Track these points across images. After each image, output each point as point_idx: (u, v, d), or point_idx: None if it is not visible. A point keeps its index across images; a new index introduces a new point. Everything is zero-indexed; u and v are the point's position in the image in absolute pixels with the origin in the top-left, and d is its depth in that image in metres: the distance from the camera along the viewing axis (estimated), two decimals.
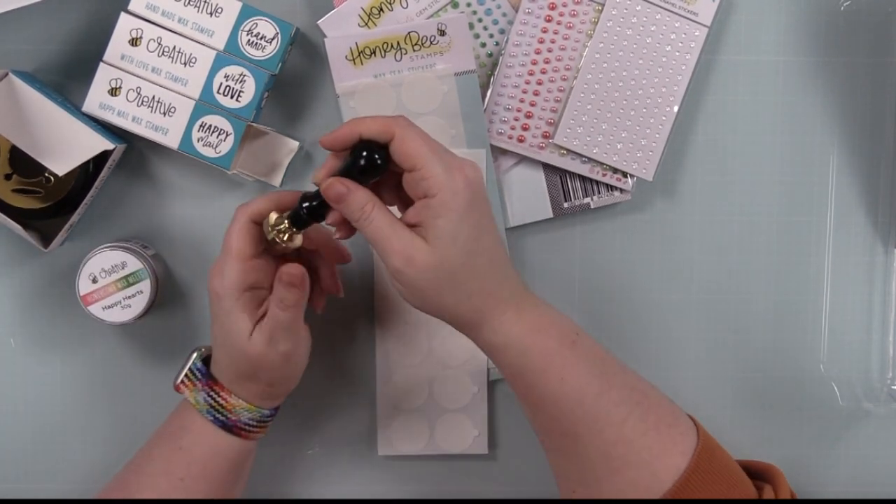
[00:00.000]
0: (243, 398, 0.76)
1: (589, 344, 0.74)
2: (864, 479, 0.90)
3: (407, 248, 0.70)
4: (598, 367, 0.73)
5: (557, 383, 0.71)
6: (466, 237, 0.70)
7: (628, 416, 0.71)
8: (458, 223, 0.70)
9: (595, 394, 0.71)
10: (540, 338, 0.72)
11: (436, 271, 0.70)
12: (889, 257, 0.89)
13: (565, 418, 0.72)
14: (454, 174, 0.70)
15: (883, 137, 0.88)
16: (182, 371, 0.78)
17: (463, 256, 0.70)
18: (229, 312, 0.74)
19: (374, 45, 0.83)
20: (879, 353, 0.89)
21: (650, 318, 0.89)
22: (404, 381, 0.87)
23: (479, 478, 0.89)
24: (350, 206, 0.71)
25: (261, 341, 0.74)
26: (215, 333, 0.76)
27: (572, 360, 0.72)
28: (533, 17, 0.85)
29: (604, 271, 0.88)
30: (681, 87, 0.85)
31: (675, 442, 0.72)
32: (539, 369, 0.72)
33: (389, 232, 0.70)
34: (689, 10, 0.85)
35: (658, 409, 0.73)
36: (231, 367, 0.76)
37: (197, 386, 0.77)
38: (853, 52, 0.87)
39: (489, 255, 0.72)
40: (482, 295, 0.72)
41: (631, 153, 0.86)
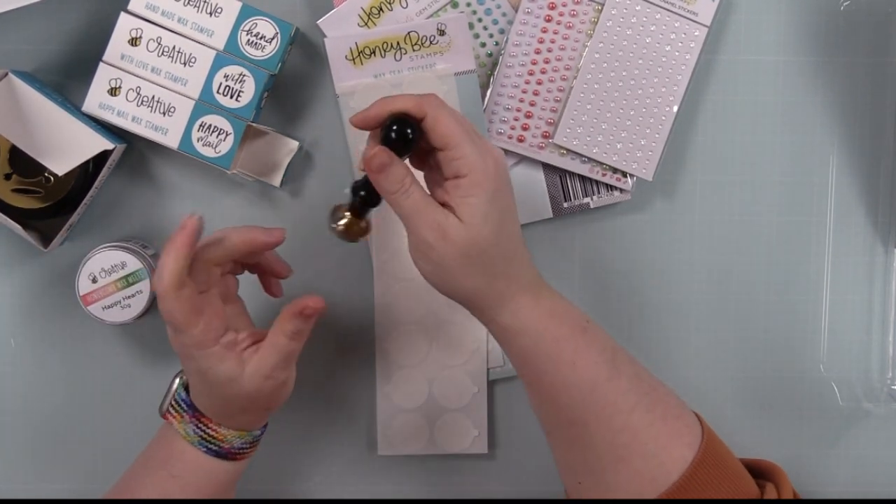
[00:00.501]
0: (234, 427, 0.76)
1: (599, 332, 0.74)
2: (864, 479, 0.90)
3: (441, 222, 0.70)
4: (607, 354, 0.73)
5: (569, 368, 0.72)
6: (496, 219, 0.70)
7: (636, 406, 0.71)
8: (488, 204, 0.70)
9: (605, 380, 0.71)
10: (553, 323, 0.72)
11: (467, 249, 0.70)
12: (889, 257, 0.89)
13: (575, 405, 0.72)
14: (486, 156, 0.71)
15: (883, 137, 0.88)
16: (167, 398, 0.77)
17: (493, 237, 0.70)
18: (213, 365, 0.72)
19: (373, 45, 0.83)
20: (879, 353, 0.89)
21: (650, 318, 0.89)
22: (404, 381, 0.87)
23: (479, 478, 0.89)
24: (390, 177, 0.71)
25: (259, 377, 0.73)
26: (196, 381, 0.75)
27: (583, 346, 0.72)
28: (533, 17, 0.85)
29: (604, 271, 0.88)
30: (681, 87, 0.85)
31: (681, 434, 0.72)
32: (552, 354, 0.72)
33: (425, 206, 0.70)
34: (689, 10, 0.85)
35: (665, 401, 0.73)
36: (221, 406, 0.75)
37: (184, 418, 0.76)
38: (853, 52, 0.87)
39: (514, 240, 0.72)
40: (506, 278, 0.72)
41: (631, 153, 0.86)
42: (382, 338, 0.87)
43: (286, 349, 0.73)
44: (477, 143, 0.71)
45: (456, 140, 0.70)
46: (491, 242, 0.71)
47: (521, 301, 0.72)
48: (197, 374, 0.74)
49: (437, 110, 0.71)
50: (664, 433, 0.71)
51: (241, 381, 0.73)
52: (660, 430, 0.71)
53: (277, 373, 0.73)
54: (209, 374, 0.73)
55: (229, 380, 0.73)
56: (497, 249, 0.71)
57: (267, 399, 0.75)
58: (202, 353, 0.72)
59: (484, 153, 0.71)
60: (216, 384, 0.73)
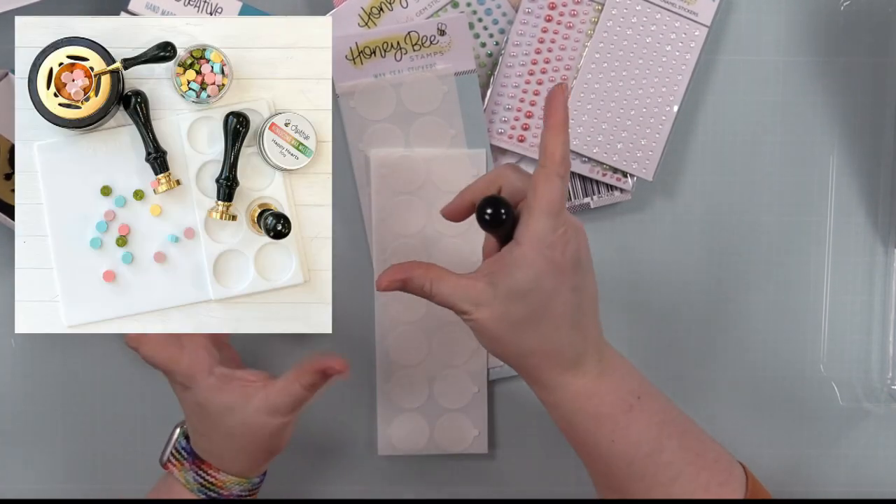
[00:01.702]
0: (235, 473, 0.76)
1: (650, 408, 0.73)
2: (864, 479, 0.90)
3: (472, 298, 0.70)
4: (653, 431, 0.72)
5: (607, 444, 0.72)
6: (543, 294, 0.69)
7: (678, 477, 0.72)
8: (533, 279, 0.69)
9: (645, 454, 0.72)
10: (592, 403, 0.72)
11: (500, 321, 0.70)
12: (889, 257, 0.89)
13: (613, 475, 0.73)
14: (543, 232, 0.69)
15: (883, 137, 0.88)
16: (167, 448, 0.78)
17: (527, 310, 0.70)
18: (212, 397, 0.73)
19: (374, 44, 0.83)
20: (879, 353, 0.89)
21: (650, 318, 0.89)
22: (404, 381, 0.87)
23: (479, 478, 0.89)
24: (411, 288, 0.72)
25: (264, 412, 0.74)
26: (196, 420, 0.75)
27: (624, 424, 0.72)
28: (533, 17, 0.85)
29: (603, 271, 0.88)
30: (681, 87, 0.85)
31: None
32: (590, 429, 0.72)
33: (453, 295, 0.71)
34: (689, 10, 0.85)
35: (711, 468, 0.73)
36: (222, 444, 0.75)
37: (185, 466, 0.76)
38: (853, 52, 0.87)
39: (564, 312, 0.71)
40: (540, 356, 0.71)
41: (631, 153, 0.86)
42: (382, 338, 0.87)
43: (298, 396, 0.74)
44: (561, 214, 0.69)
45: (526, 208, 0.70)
46: (527, 316, 0.70)
47: (558, 378, 0.72)
48: (196, 410, 0.74)
49: (510, 189, 0.71)
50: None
51: (243, 413, 0.73)
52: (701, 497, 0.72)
53: (283, 413, 0.74)
54: (208, 405, 0.74)
55: (228, 409, 0.73)
56: (535, 324, 0.70)
57: (269, 439, 0.75)
58: (197, 386, 0.74)
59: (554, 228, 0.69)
60: (216, 415, 0.74)
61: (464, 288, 0.70)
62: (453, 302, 0.71)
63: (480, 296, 0.70)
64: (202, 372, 0.74)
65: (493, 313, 0.70)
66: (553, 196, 0.68)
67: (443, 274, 0.71)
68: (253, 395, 0.74)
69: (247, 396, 0.74)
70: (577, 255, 0.70)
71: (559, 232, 0.69)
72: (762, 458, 0.87)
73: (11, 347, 0.87)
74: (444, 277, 0.71)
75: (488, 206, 0.69)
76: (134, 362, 0.88)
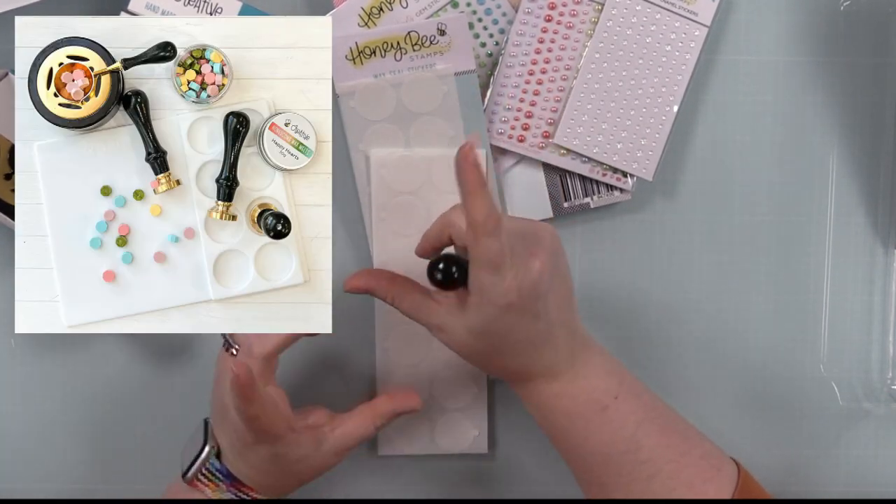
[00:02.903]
0: (273, 495, 0.77)
1: (627, 408, 0.74)
2: (864, 479, 0.90)
3: (435, 317, 0.73)
4: (629, 429, 0.73)
5: (581, 441, 0.74)
6: (496, 335, 0.72)
7: (656, 474, 0.73)
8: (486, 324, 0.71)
9: (620, 452, 0.73)
10: (563, 403, 0.74)
11: (459, 346, 0.73)
12: (889, 257, 0.89)
13: (591, 472, 0.74)
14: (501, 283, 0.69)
15: (883, 137, 0.88)
16: (194, 466, 0.76)
17: (482, 346, 0.72)
18: (291, 446, 0.75)
19: (373, 44, 0.83)
20: (879, 353, 0.89)
21: (650, 318, 0.89)
22: (404, 381, 0.87)
23: (479, 478, 0.89)
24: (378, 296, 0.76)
25: (333, 454, 0.77)
26: (262, 463, 0.75)
27: (598, 423, 0.73)
28: (533, 17, 0.85)
29: (604, 271, 0.88)
30: (681, 86, 0.85)
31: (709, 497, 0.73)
32: (565, 427, 0.74)
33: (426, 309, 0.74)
34: (689, 10, 0.85)
35: (697, 464, 0.74)
36: (276, 479, 0.76)
37: (220, 487, 0.76)
38: (853, 52, 0.87)
39: (524, 342, 0.72)
40: (508, 373, 0.75)
41: (631, 153, 0.86)
42: (382, 338, 0.87)
43: (367, 435, 0.77)
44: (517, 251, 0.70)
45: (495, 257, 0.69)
46: (483, 351, 0.73)
47: (531, 384, 0.74)
48: (270, 459, 0.75)
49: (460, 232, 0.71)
50: (689, 497, 0.72)
51: (313, 459, 0.76)
52: (684, 496, 0.72)
53: (346, 451, 0.77)
54: (285, 458, 0.75)
55: (301, 459, 0.75)
56: (495, 353, 0.73)
57: (323, 471, 0.78)
58: (280, 442, 0.74)
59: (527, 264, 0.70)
60: (288, 463, 0.75)
61: (426, 309, 0.73)
62: (416, 318, 0.74)
63: (442, 320, 0.73)
64: (286, 429, 0.74)
65: (453, 340, 0.73)
66: (489, 254, 0.68)
67: (407, 290, 0.74)
68: (323, 441, 0.76)
69: (318, 443, 0.76)
70: (534, 288, 0.70)
71: (507, 280, 0.69)
72: (762, 458, 0.87)
73: (11, 347, 0.87)
74: (408, 294, 0.74)
75: (438, 266, 0.71)
76: (134, 362, 0.88)
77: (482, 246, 0.68)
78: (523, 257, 0.70)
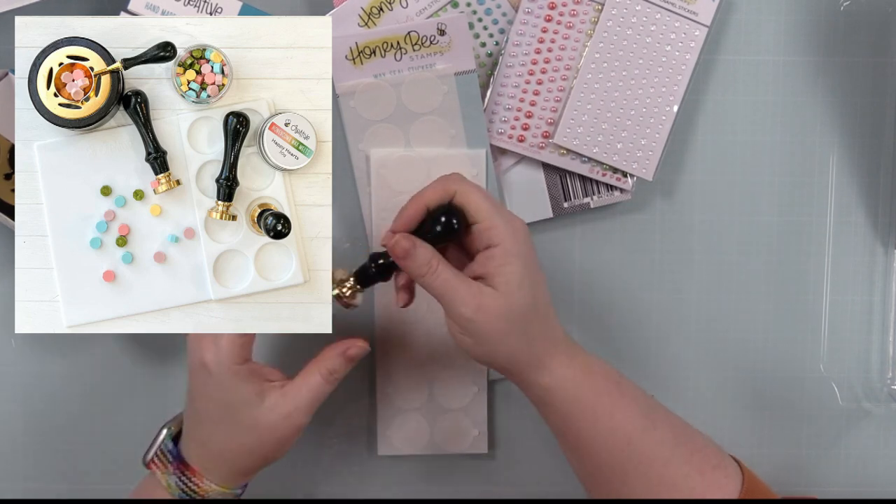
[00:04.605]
0: (217, 480, 0.75)
1: (632, 385, 0.75)
2: (864, 479, 0.90)
3: (476, 296, 0.71)
4: (643, 406, 0.74)
5: (607, 421, 0.73)
6: (530, 282, 0.72)
7: (671, 457, 0.73)
8: (523, 269, 0.72)
9: (640, 431, 0.73)
10: (590, 378, 0.74)
11: (507, 316, 0.72)
12: (889, 257, 0.89)
13: (614, 459, 0.73)
14: (514, 225, 0.73)
15: (883, 137, 0.88)
16: (152, 448, 0.77)
17: (529, 300, 0.72)
18: (233, 385, 0.73)
19: (374, 44, 0.83)
20: (879, 353, 0.89)
21: (650, 318, 0.89)
22: (404, 381, 0.87)
23: (479, 478, 0.89)
24: (416, 260, 0.72)
25: (278, 413, 0.73)
26: (206, 409, 0.74)
27: (619, 398, 0.74)
28: (533, 17, 0.85)
29: (604, 271, 0.88)
30: (681, 87, 0.85)
31: (720, 485, 0.73)
32: (590, 408, 0.73)
33: (457, 283, 0.72)
34: (689, 10, 0.85)
35: (702, 451, 0.74)
36: (221, 445, 0.74)
37: (168, 469, 0.76)
38: (853, 52, 0.87)
39: (545, 301, 0.74)
40: (543, 339, 0.74)
41: (631, 153, 0.86)
42: (382, 338, 0.87)
43: (317, 390, 0.74)
44: (503, 214, 0.73)
45: (486, 213, 0.72)
46: (529, 306, 0.72)
47: (557, 359, 0.74)
48: (208, 401, 0.73)
49: (463, 185, 0.73)
50: (701, 485, 0.73)
51: (257, 409, 0.73)
52: (696, 483, 0.73)
53: (297, 415, 0.74)
54: (225, 395, 0.73)
55: (245, 403, 0.73)
56: (534, 313, 0.73)
57: (273, 444, 0.74)
58: (223, 372, 0.72)
59: (511, 222, 0.73)
60: (228, 408, 0.73)
61: (469, 288, 0.72)
62: (455, 306, 0.72)
63: (483, 298, 0.72)
64: (236, 357, 0.73)
65: (499, 310, 0.72)
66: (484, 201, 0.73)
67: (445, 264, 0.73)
68: (269, 393, 0.73)
69: (263, 393, 0.73)
70: (530, 238, 0.74)
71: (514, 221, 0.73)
72: (762, 458, 0.87)
73: (11, 347, 0.87)
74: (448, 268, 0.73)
75: (440, 219, 0.72)
76: (134, 362, 0.88)
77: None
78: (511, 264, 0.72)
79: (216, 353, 0.72)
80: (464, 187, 0.73)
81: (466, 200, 0.73)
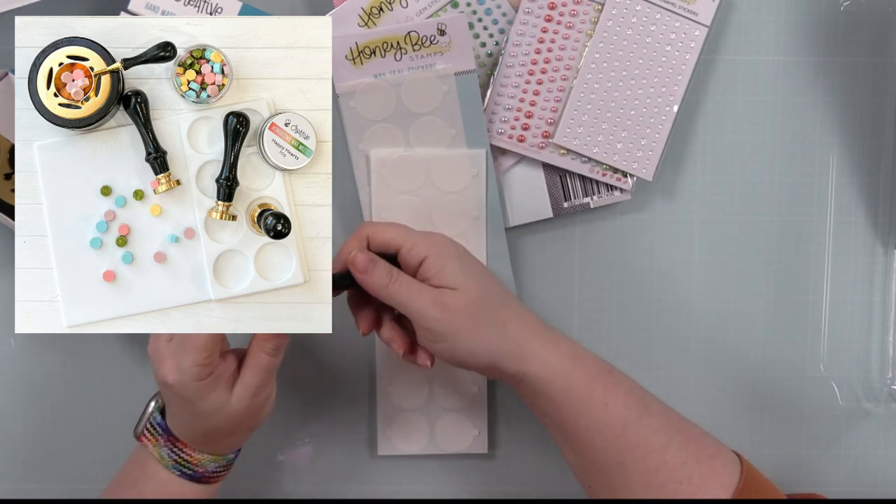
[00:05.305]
0: (211, 452, 0.76)
1: (622, 373, 0.76)
2: (864, 479, 0.90)
3: (437, 297, 0.73)
4: (636, 393, 0.75)
5: (602, 409, 0.73)
6: (475, 272, 0.74)
7: (668, 444, 0.73)
8: (461, 264, 0.74)
9: (636, 417, 0.73)
10: (580, 364, 0.74)
11: (469, 308, 0.73)
12: (889, 257, 0.89)
13: (610, 447, 0.73)
14: (431, 237, 0.75)
15: (883, 137, 0.88)
16: (141, 421, 0.77)
17: (483, 287, 0.74)
18: (199, 397, 0.73)
19: (374, 44, 0.83)
20: (879, 353, 0.89)
21: (650, 318, 0.89)
22: (404, 381, 0.87)
23: (479, 478, 0.89)
24: (376, 274, 0.74)
25: (246, 397, 0.74)
26: (179, 412, 0.75)
27: (612, 384, 0.74)
28: (533, 17, 0.85)
29: (604, 271, 0.88)
30: (681, 87, 0.85)
31: (717, 474, 0.73)
32: (584, 396, 0.73)
33: (418, 287, 0.74)
34: (689, 10, 0.85)
35: (698, 440, 0.74)
36: (204, 434, 0.75)
37: (159, 441, 0.76)
38: (853, 52, 0.87)
39: (502, 287, 0.76)
40: (515, 322, 0.74)
41: (631, 153, 0.86)
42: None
43: (268, 365, 0.75)
44: (420, 231, 0.75)
45: (403, 235, 0.75)
46: (487, 292, 0.74)
47: (544, 346, 0.74)
48: (184, 406, 0.74)
49: (373, 227, 0.76)
50: (698, 473, 0.72)
51: (228, 407, 0.74)
52: (693, 470, 0.72)
53: (262, 389, 0.75)
54: (198, 404, 0.73)
55: (217, 409, 0.74)
56: (495, 298, 0.74)
57: (253, 417, 0.76)
58: (196, 385, 0.73)
59: (429, 235, 0.75)
60: (204, 415, 0.74)
61: (429, 292, 0.73)
62: (421, 310, 0.73)
63: (443, 296, 0.73)
64: (200, 376, 0.73)
65: (460, 302, 0.73)
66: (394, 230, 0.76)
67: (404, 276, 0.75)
68: (233, 389, 0.74)
69: (228, 391, 0.74)
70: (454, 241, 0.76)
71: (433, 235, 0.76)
72: (762, 458, 0.86)
73: (11, 347, 0.87)
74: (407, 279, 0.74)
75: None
76: (134, 362, 0.88)
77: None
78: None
79: (180, 375, 0.73)
80: (373, 227, 0.75)
81: (381, 236, 0.75)
